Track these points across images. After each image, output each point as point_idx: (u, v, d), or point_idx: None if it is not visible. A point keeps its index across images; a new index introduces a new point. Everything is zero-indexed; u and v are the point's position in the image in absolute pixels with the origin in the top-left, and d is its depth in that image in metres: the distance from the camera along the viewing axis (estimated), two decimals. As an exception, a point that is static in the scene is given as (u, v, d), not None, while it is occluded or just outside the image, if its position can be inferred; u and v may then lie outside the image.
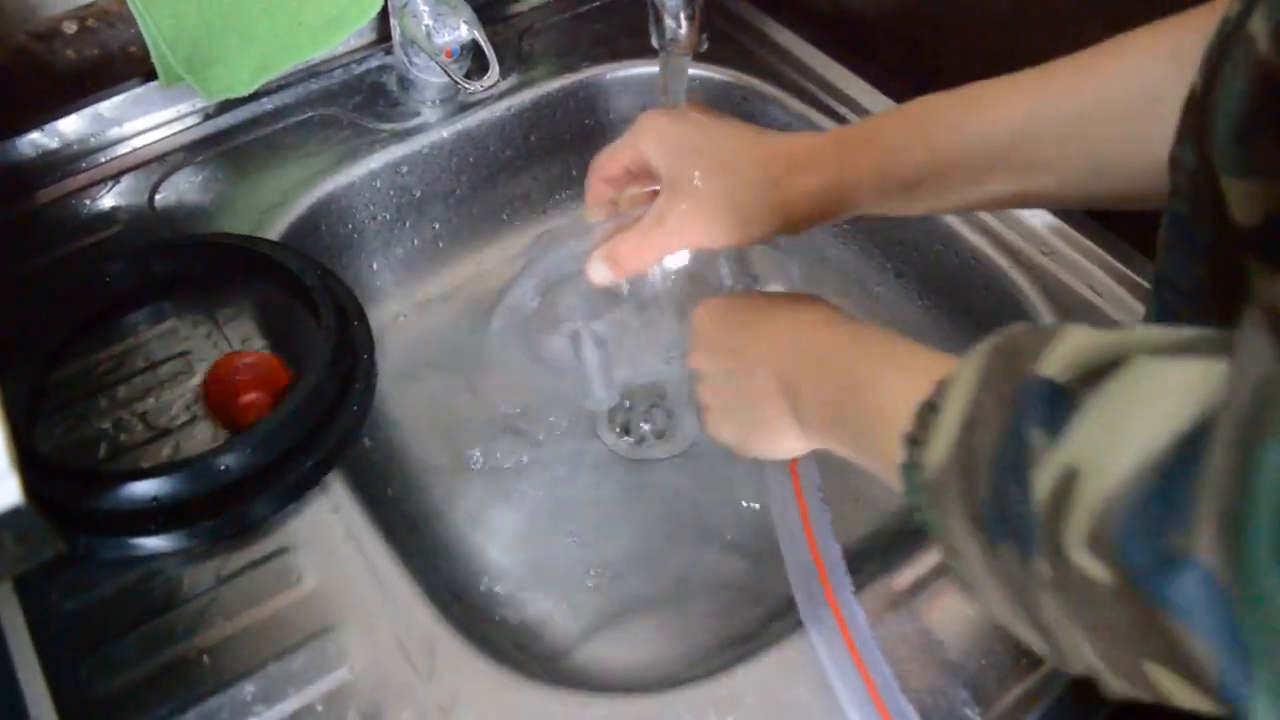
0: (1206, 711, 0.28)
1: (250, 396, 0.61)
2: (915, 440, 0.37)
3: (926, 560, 0.56)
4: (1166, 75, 0.44)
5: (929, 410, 0.37)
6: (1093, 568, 0.29)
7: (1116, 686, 0.31)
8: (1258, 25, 0.34)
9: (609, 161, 0.57)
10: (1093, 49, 0.48)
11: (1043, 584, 0.31)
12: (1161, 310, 0.42)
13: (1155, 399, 0.28)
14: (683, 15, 0.55)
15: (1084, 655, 0.31)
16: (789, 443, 0.51)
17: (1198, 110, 0.37)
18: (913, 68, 0.53)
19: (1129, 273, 0.70)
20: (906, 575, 0.56)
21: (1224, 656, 0.25)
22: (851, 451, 0.45)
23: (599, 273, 0.56)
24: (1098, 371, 0.30)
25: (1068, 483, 0.29)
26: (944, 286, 0.78)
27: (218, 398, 0.62)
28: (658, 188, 0.55)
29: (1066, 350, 0.32)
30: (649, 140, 0.55)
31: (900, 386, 0.40)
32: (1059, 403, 0.31)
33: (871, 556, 0.62)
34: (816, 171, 0.52)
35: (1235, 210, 0.35)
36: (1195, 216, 0.38)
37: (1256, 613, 0.24)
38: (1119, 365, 0.30)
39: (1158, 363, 0.29)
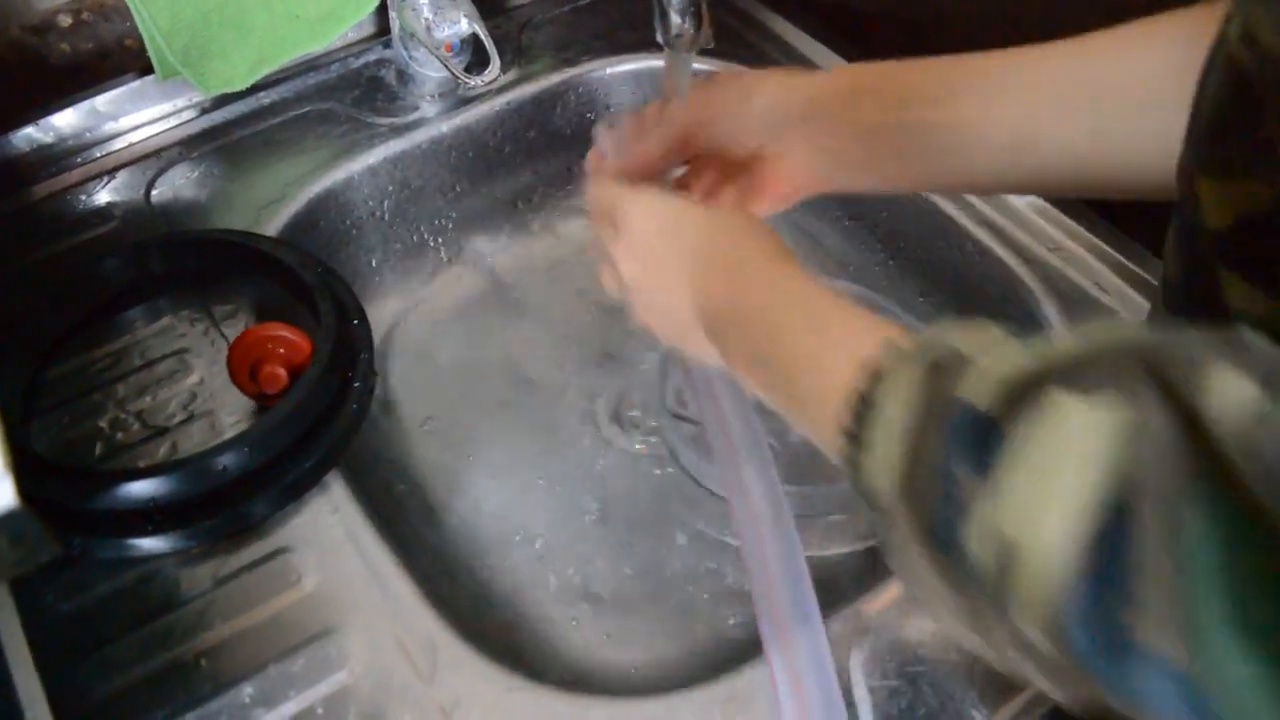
0: None
1: (274, 368, 0.62)
2: (852, 436, 0.36)
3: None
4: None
5: (863, 405, 0.35)
6: (1043, 643, 0.29)
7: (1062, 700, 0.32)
8: (1233, 27, 0.34)
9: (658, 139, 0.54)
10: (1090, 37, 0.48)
11: (992, 624, 0.31)
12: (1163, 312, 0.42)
13: (1072, 448, 0.28)
14: (689, 11, 0.54)
15: (1036, 681, 0.32)
16: (712, 361, 0.48)
17: (1192, 114, 0.37)
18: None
19: (1137, 269, 0.69)
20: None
21: None
22: (768, 396, 0.44)
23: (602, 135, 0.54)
24: (1017, 398, 0.30)
25: (1007, 557, 0.29)
26: (947, 281, 0.77)
27: (243, 364, 0.62)
28: None
29: (989, 369, 0.31)
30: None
31: (828, 350, 0.39)
32: (984, 435, 0.30)
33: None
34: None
35: (1207, 214, 0.35)
36: (1182, 221, 0.38)
37: (1227, 698, 0.24)
38: (1037, 396, 0.29)
39: (1071, 402, 0.28)
